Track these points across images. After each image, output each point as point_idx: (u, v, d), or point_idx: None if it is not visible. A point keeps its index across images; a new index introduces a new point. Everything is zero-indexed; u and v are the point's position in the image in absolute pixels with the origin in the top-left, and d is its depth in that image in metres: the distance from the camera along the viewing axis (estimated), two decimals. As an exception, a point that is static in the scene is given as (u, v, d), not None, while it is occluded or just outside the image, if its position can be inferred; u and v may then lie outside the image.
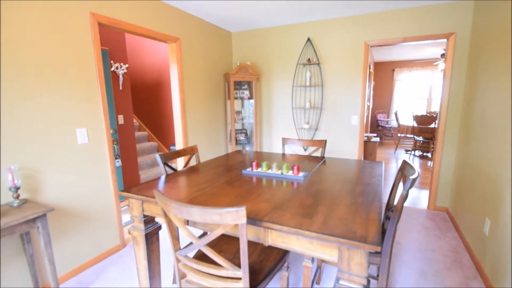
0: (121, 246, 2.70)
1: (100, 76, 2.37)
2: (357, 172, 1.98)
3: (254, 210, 1.29)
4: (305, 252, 1.18)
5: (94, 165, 2.39)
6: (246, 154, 2.68)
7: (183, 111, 3.40)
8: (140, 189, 1.65)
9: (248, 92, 4.27)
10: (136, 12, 2.68)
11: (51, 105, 2.05)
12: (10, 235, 1.58)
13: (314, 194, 1.51)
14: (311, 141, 2.69)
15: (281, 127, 4.26)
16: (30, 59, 1.91)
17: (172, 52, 3.24)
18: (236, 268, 1.16)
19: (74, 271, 2.29)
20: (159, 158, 2.05)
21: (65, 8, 2.09)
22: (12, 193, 1.76)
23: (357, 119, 3.71)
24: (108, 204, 2.54)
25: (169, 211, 1.16)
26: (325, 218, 1.20)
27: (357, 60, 3.60)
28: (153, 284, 1.77)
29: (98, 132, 2.41)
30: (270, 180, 1.80)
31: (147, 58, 5.26)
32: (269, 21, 3.79)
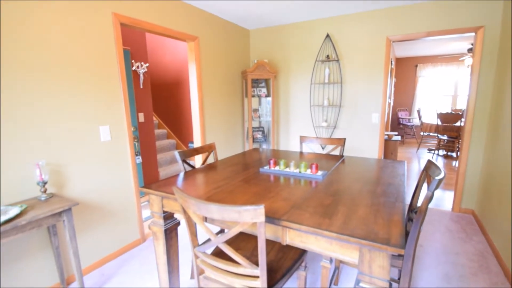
0: (141, 240, 2.77)
1: (122, 75, 2.43)
2: (378, 171, 1.92)
3: (272, 209, 1.28)
4: (323, 253, 1.15)
5: (116, 161, 2.47)
6: (263, 152, 2.67)
7: (201, 109, 3.44)
8: (159, 185, 1.68)
9: (265, 90, 4.25)
10: (157, 12, 2.72)
11: (75, 103, 2.13)
12: (38, 227, 1.66)
13: (333, 193, 1.48)
14: (330, 139, 2.64)
15: (299, 125, 4.22)
16: (56, 60, 1.99)
17: (191, 51, 3.27)
18: (254, 266, 1.16)
19: (97, 263, 2.37)
20: (178, 155, 2.08)
21: (88, 9, 2.16)
22: (40, 187, 1.85)
23: (377, 117, 3.61)
24: (129, 199, 2.61)
25: (188, 207, 1.17)
26: (345, 218, 1.17)
27: (378, 56, 3.49)
28: (171, 279, 1.80)
29: (120, 129, 2.48)
30: (287, 178, 1.78)
31: (166, 57, 5.35)
32: (287, 18, 3.74)
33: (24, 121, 1.85)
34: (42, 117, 1.94)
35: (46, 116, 1.96)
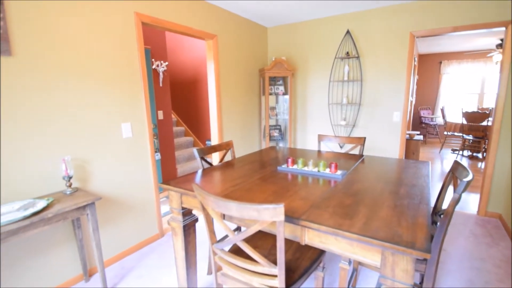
0: (159, 235, 2.83)
1: (144, 74, 2.49)
2: (400, 172, 1.86)
3: (290, 208, 1.27)
4: (343, 254, 1.13)
5: (137, 158, 2.53)
6: (280, 150, 2.65)
7: (219, 107, 3.46)
8: (179, 182, 1.71)
9: (283, 88, 4.22)
10: (176, 10, 2.76)
11: (99, 101, 2.20)
12: (64, 220, 1.72)
13: (353, 193, 1.44)
14: (349, 138, 2.59)
15: (316, 124, 4.16)
16: (80, 60, 2.06)
17: (209, 49, 3.29)
18: (272, 265, 1.15)
19: (117, 256, 2.45)
20: (197, 153, 2.11)
21: (111, 9, 2.21)
22: (65, 181, 1.92)
23: (399, 116, 3.50)
24: (149, 195, 2.68)
25: (207, 204, 1.18)
26: (366, 219, 1.14)
27: (401, 52, 3.38)
28: (189, 274, 1.83)
29: (141, 127, 2.53)
30: (306, 177, 1.76)
31: (184, 55, 5.42)
32: (306, 14, 3.69)
33: (52, 118, 1.92)
34: (69, 115, 2.01)
35: (72, 113, 2.03)
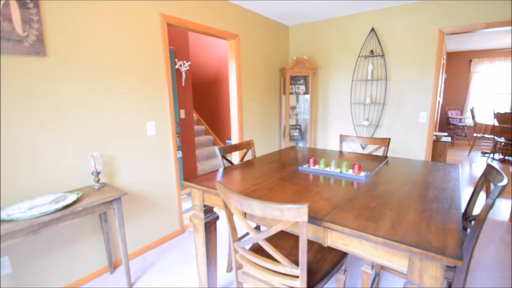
0: (180, 231, 2.89)
1: (168, 74, 2.55)
2: (427, 174, 1.78)
3: (313, 209, 1.25)
4: (367, 258, 1.10)
5: (160, 155, 2.60)
6: (300, 151, 2.63)
7: (240, 106, 3.48)
8: (201, 180, 1.73)
9: (303, 87, 4.18)
10: (200, 11, 2.80)
11: (125, 100, 2.28)
12: (92, 214, 1.80)
13: (378, 196, 1.40)
14: (373, 138, 2.52)
15: (338, 124, 4.08)
16: (108, 60, 2.14)
17: (231, 49, 3.32)
18: (294, 265, 1.14)
19: (140, 250, 2.52)
20: (218, 151, 2.13)
21: (138, 10, 2.28)
22: (94, 177, 2.01)
23: (426, 116, 3.36)
24: (170, 192, 2.74)
25: (230, 203, 1.19)
26: (393, 223, 1.10)
27: (429, 50, 3.24)
28: (210, 270, 1.85)
29: (164, 125, 2.60)
30: (328, 178, 1.73)
31: (205, 55, 5.50)
32: (329, 12, 3.63)
33: (82, 116, 2.02)
34: (97, 113, 2.10)
35: (100, 112, 2.12)
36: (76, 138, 2.00)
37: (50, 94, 1.85)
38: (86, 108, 2.04)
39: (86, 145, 2.06)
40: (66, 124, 1.94)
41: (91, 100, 2.06)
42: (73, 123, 1.97)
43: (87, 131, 2.05)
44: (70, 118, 1.95)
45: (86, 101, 2.03)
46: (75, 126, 1.98)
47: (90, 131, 2.07)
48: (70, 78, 1.93)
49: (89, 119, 2.06)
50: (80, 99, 2.00)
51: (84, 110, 2.03)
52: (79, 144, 2.02)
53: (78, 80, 1.97)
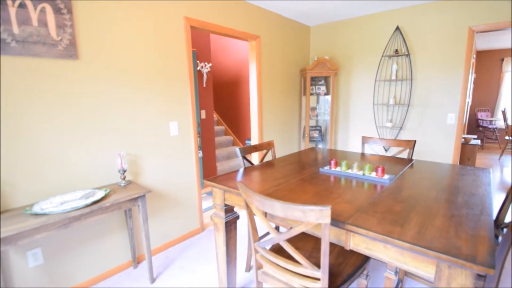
0: (200, 229, 2.94)
1: (191, 75, 2.61)
2: (456, 179, 1.71)
3: (335, 211, 1.24)
4: (392, 263, 1.07)
5: (182, 155, 2.66)
6: (320, 152, 2.60)
7: (260, 107, 3.49)
8: (222, 179, 1.76)
9: (324, 88, 4.12)
10: (222, 13, 2.84)
11: (150, 101, 2.35)
12: (118, 210, 1.87)
13: (403, 200, 1.36)
14: (397, 140, 2.44)
15: (359, 125, 4.00)
16: (133, 62, 2.22)
17: (252, 50, 3.34)
18: (315, 268, 1.14)
19: (162, 246, 2.59)
20: (239, 152, 2.15)
21: (163, 15, 2.35)
22: (120, 174, 2.09)
23: (454, 118, 3.22)
24: (191, 190, 2.80)
25: (251, 203, 1.20)
26: (419, 228, 1.07)
27: (458, 49, 3.10)
28: (229, 269, 1.87)
29: (187, 125, 2.66)
30: (349, 180, 1.70)
31: (226, 56, 5.56)
32: (351, 11, 3.57)
33: (110, 116, 2.11)
34: (124, 114, 2.19)
35: (127, 112, 2.20)
36: (103, 138, 2.09)
37: (81, 95, 1.94)
38: (114, 109, 2.12)
39: (113, 144, 2.14)
40: (95, 124, 2.03)
41: (118, 101, 2.14)
42: (101, 123, 2.06)
43: (114, 131, 2.14)
44: (98, 118, 2.05)
45: (113, 102, 2.12)
46: (103, 126, 2.08)
47: (117, 131, 2.16)
48: (99, 80, 2.03)
49: (116, 119, 2.14)
50: (108, 101, 2.09)
51: (112, 111, 2.12)
52: (106, 143, 2.11)
53: (106, 82, 2.06)
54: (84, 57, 1.94)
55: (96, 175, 2.08)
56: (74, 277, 2.03)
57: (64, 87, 1.87)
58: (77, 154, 1.96)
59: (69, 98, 1.89)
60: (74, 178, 1.97)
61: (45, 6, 1.74)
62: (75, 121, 1.93)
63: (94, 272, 2.13)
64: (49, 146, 1.83)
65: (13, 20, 1.63)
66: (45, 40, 1.76)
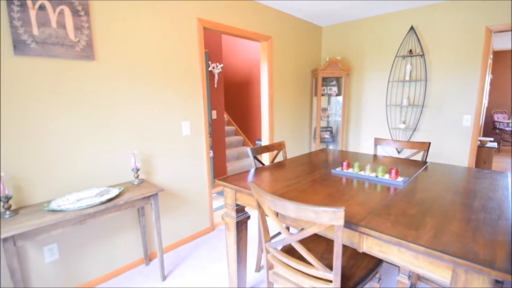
0: (210, 229, 2.96)
1: (203, 76, 2.63)
2: (472, 182, 1.67)
3: (348, 213, 1.23)
4: (406, 267, 1.06)
5: (194, 154, 2.69)
6: (331, 153, 2.57)
7: (271, 108, 3.49)
8: (234, 179, 1.77)
9: (336, 89, 4.09)
10: (234, 14, 2.86)
11: (164, 101, 2.39)
12: (131, 208, 1.91)
13: (418, 203, 1.34)
14: (411, 142, 2.40)
15: (371, 126, 3.95)
16: (149, 63, 2.26)
17: (263, 51, 3.35)
18: (327, 269, 1.13)
19: (173, 245, 2.63)
20: (251, 152, 2.16)
21: (177, 17, 2.38)
22: (134, 173, 2.13)
23: (470, 119, 3.14)
24: (202, 190, 2.82)
25: (263, 203, 1.20)
26: (435, 232, 1.05)
27: (474, 49, 3.03)
28: (240, 269, 1.88)
29: (198, 125, 2.69)
30: (362, 182, 1.68)
31: (237, 57, 5.58)
32: (365, 12, 3.53)
33: (124, 115, 2.15)
34: (137, 114, 2.23)
35: (141, 112, 2.24)
36: (118, 137, 2.13)
37: (97, 95, 1.99)
38: (128, 108, 2.17)
39: (126, 143, 2.19)
40: (109, 123, 2.07)
41: (132, 101, 2.19)
42: (115, 122, 2.11)
43: (127, 130, 2.18)
44: (113, 118, 2.09)
45: (127, 102, 2.16)
46: (117, 126, 2.12)
47: (131, 130, 2.20)
48: (114, 80, 2.07)
49: (130, 119, 2.19)
50: (122, 100, 2.13)
51: (126, 110, 2.16)
52: (120, 142, 2.15)
53: (121, 82, 2.11)
54: (100, 58, 1.98)
55: (110, 173, 2.12)
56: (89, 273, 2.08)
57: (81, 87, 1.92)
58: (92, 152, 2.01)
59: (86, 98, 1.94)
60: (89, 175, 2.01)
61: (63, 8, 1.79)
62: (90, 120, 1.98)
63: (108, 268, 2.18)
64: (66, 144, 1.88)
65: (33, 22, 1.69)
66: (63, 41, 1.81)
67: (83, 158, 1.97)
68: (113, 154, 2.12)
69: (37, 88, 1.75)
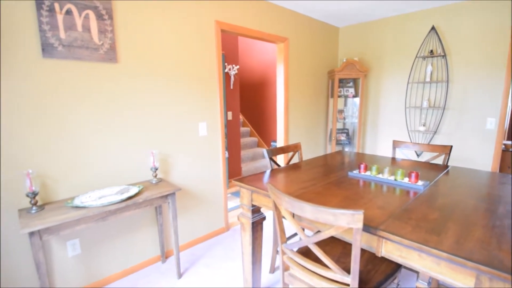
0: (225, 229, 2.99)
1: (220, 78, 2.67)
2: (496, 188, 1.61)
3: (366, 216, 1.21)
4: (427, 273, 1.03)
5: (210, 155, 2.72)
6: (347, 155, 2.54)
7: (286, 109, 3.49)
8: (250, 180, 1.78)
9: (353, 90, 4.03)
10: (251, 17, 2.88)
11: (182, 102, 2.44)
12: (150, 206, 1.96)
13: (439, 208, 1.30)
14: (432, 145, 2.34)
15: (389, 128, 3.86)
16: (168, 65, 2.31)
17: (280, 52, 3.35)
18: (345, 273, 1.12)
19: (188, 243, 2.67)
20: (267, 153, 2.16)
21: (195, 20, 2.43)
22: (152, 172, 2.18)
23: (494, 122, 3.02)
24: (218, 190, 2.85)
25: (280, 204, 1.20)
26: (457, 238, 1.02)
27: (500, 49, 2.91)
28: (254, 269, 1.89)
29: (215, 126, 2.72)
30: (380, 185, 1.65)
31: (252, 58, 5.61)
32: (384, 12, 3.47)
33: (144, 116, 2.21)
34: (156, 114, 2.28)
35: (159, 113, 2.30)
36: (137, 136, 2.19)
37: (118, 96, 2.06)
38: (147, 109, 2.22)
39: (145, 142, 2.24)
40: (129, 123, 2.14)
41: (151, 101, 2.24)
42: (135, 122, 2.17)
43: (146, 130, 2.24)
44: (133, 118, 2.15)
45: (147, 102, 2.22)
46: (137, 126, 2.18)
47: (150, 130, 2.26)
48: (135, 82, 2.13)
49: (149, 119, 2.24)
50: (142, 101, 2.19)
51: (145, 111, 2.22)
52: (140, 142, 2.21)
53: (141, 84, 2.17)
54: (122, 60, 2.05)
55: (130, 172, 2.18)
56: (108, 268, 2.14)
57: (104, 88, 1.99)
58: (113, 151, 2.08)
59: (108, 99, 2.01)
60: (110, 174, 2.08)
61: (88, 12, 1.86)
62: (112, 120, 2.04)
63: (126, 264, 2.24)
64: (89, 144, 1.96)
65: (60, 26, 1.77)
66: (88, 44, 1.88)
67: (105, 157, 2.04)
68: (133, 153, 2.18)
69: (63, 90, 1.82)
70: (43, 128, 1.77)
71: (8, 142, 1.66)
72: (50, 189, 1.83)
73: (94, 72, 1.93)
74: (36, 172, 1.77)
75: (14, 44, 1.63)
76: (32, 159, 1.74)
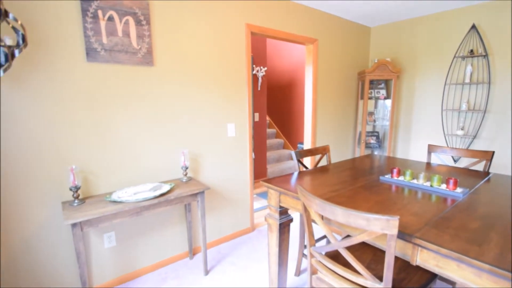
0: (250, 229, 3.01)
1: (249, 80, 2.70)
2: (547, 198, 1.48)
3: (401, 222, 1.17)
4: (466, 284, 0.98)
5: (237, 155, 2.76)
6: (377, 159, 2.46)
7: (314, 111, 3.45)
8: (278, 181, 1.79)
9: (384, 92, 3.90)
10: (281, 19, 2.89)
11: (211, 103, 2.50)
12: (180, 203, 2.03)
13: (480, 217, 1.23)
14: (472, 151, 2.20)
15: (423, 132, 3.69)
16: (200, 68, 2.39)
17: (309, 54, 3.32)
18: (377, 280, 1.09)
19: (215, 241, 2.72)
20: (295, 155, 2.16)
21: (227, 23, 2.49)
22: (183, 171, 2.26)
23: (543, 128, 2.79)
24: (244, 190, 2.89)
25: (310, 206, 1.20)
26: (501, 249, 0.96)
27: (552, 48, 2.68)
28: (281, 271, 1.89)
29: (243, 127, 2.76)
30: (414, 191, 1.59)
31: (280, 60, 5.61)
32: (419, 10, 3.32)
33: (176, 117, 2.29)
34: (187, 114, 2.36)
35: (190, 113, 2.38)
36: (169, 136, 2.28)
37: (154, 98, 2.16)
38: (180, 110, 2.31)
39: (177, 142, 2.33)
40: (163, 123, 2.23)
41: (183, 103, 2.33)
42: (168, 123, 2.26)
43: (178, 130, 2.33)
44: (167, 119, 2.25)
45: (180, 104, 2.30)
46: (170, 126, 2.27)
47: (181, 131, 2.34)
48: (169, 84, 2.22)
49: (181, 119, 2.33)
50: (175, 102, 2.28)
51: (178, 112, 2.30)
52: (171, 141, 2.30)
53: (174, 86, 2.26)
54: (158, 63, 2.15)
55: (162, 170, 2.27)
56: (140, 261, 2.25)
57: (141, 90, 2.09)
58: (148, 150, 2.18)
59: (144, 101, 2.12)
60: (144, 171, 2.19)
61: (128, 18, 1.97)
62: (148, 121, 2.15)
63: (156, 258, 2.34)
64: (127, 142, 2.07)
65: (103, 32, 1.89)
66: (127, 49, 1.99)
67: (140, 155, 2.15)
68: (165, 152, 2.27)
69: (105, 92, 1.95)
70: (86, 128, 1.90)
71: (54, 140, 1.80)
72: (92, 184, 1.96)
73: (132, 75, 2.04)
74: (79, 168, 1.90)
75: (61, 48, 1.77)
76: (76, 156, 1.88)
